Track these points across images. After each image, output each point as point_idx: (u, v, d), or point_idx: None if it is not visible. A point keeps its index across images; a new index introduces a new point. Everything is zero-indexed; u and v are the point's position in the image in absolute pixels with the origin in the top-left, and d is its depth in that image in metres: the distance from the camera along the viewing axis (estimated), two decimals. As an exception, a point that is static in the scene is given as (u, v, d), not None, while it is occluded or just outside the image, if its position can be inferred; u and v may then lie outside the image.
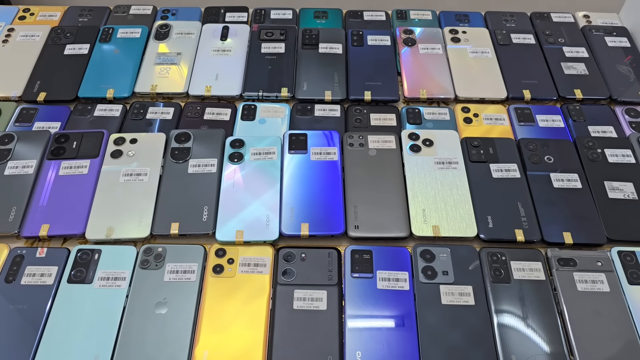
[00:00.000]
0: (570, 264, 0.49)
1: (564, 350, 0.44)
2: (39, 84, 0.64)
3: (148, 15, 0.74)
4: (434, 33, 0.71)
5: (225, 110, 0.62)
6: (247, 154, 0.56)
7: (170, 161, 0.55)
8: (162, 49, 0.68)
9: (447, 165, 0.56)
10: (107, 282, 0.47)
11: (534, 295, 0.47)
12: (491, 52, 0.69)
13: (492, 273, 0.48)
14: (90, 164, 0.55)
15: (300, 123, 0.61)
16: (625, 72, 0.67)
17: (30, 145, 0.56)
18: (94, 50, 0.67)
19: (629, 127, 0.61)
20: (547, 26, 0.73)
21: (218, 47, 0.68)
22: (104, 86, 0.63)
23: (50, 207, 0.51)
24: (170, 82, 0.64)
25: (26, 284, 0.47)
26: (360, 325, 0.45)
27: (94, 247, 0.49)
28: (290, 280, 0.47)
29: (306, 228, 0.50)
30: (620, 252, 0.50)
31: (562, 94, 0.64)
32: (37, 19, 0.73)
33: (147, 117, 0.61)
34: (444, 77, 0.65)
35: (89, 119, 0.61)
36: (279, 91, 0.63)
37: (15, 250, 0.49)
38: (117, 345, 0.44)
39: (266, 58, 0.67)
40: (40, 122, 0.60)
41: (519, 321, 0.45)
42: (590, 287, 0.47)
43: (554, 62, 0.67)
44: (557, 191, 0.54)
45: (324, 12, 0.75)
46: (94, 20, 0.73)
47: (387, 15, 0.75)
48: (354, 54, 0.68)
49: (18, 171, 0.54)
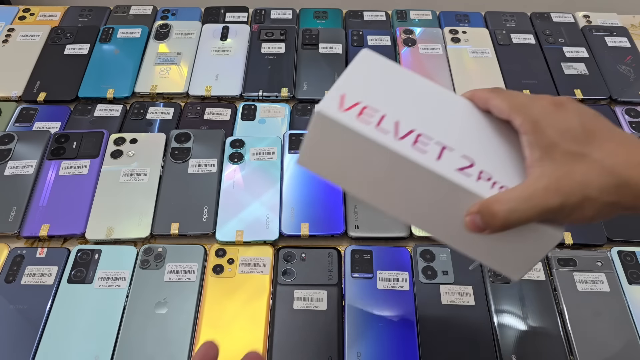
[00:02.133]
0: (570, 264, 0.49)
1: (564, 350, 0.44)
2: (39, 84, 0.64)
3: (148, 15, 0.73)
4: (434, 33, 0.71)
5: (225, 110, 0.62)
6: (247, 154, 0.56)
7: (170, 161, 0.55)
8: (162, 49, 0.68)
9: (447, 165, 0.56)
10: (107, 282, 0.47)
11: (534, 295, 0.47)
12: (491, 52, 0.69)
13: (492, 273, 0.48)
14: (90, 164, 0.55)
15: (300, 123, 0.61)
16: (626, 72, 0.67)
17: (30, 145, 0.56)
18: (94, 50, 0.67)
19: (629, 127, 0.61)
20: (547, 26, 0.73)
21: (218, 47, 0.68)
22: (104, 86, 0.63)
23: (50, 207, 0.51)
24: (171, 82, 0.64)
25: (26, 284, 0.47)
26: (361, 325, 0.45)
27: (94, 247, 0.49)
28: (290, 280, 0.47)
29: (306, 228, 0.50)
30: (620, 252, 0.49)
31: (562, 94, 0.64)
32: (37, 19, 0.73)
33: (147, 117, 0.61)
34: (444, 77, 0.65)
35: (89, 119, 0.61)
36: (279, 91, 0.63)
37: (15, 250, 0.49)
38: (117, 345, 0.44)
39: (266, 58, 0.67)
40: (40, 122, 0.60)
41: (519, 321, 0.45)
42: (590, 287, 0.47)
43: (554, 62, 0.67)
44: (557, 191, 0.54)
45: (324, 12, 0.75)
46: (94, 20, 0.73)
47: (387, 16, 0.75)
48: (354, 54, 0.68)
49: (18, 171, 0.54)
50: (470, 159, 0.29)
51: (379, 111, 0.29)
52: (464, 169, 0.28)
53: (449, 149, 0.29)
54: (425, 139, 0.29)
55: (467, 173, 0.28)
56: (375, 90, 0.30)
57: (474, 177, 0.28)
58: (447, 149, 0.29)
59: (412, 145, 0.28)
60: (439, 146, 0.29)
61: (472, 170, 0.28)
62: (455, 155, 0.29)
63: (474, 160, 0.29)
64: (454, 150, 0.29)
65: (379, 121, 0.29)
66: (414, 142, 0.29)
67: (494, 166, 0.29)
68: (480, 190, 0.28)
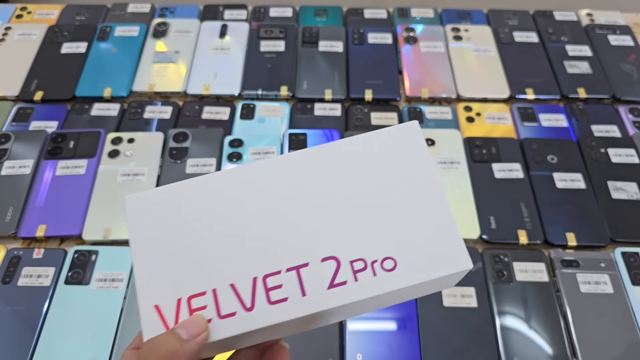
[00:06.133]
0: (573, 265, 0.48)
1: (567, 352, 0.43)
2: (35, 83, 0.63)
3: (146, 14, 0.73)
4: (436, 31, 0.70)
5: (224, 109, 0.61)
6: (246, 154, 0.55)
7: (168, 161, 0.55)
8: (160, 48, 0.67)
9: (449, 165, 0.55)
10: (105, 284, 0.46)
11: (537, 296, 0.46)
12: (493, 50, 0.68)
13: (494, 274, 0.47)
14: (88, 163, 0.54)
15: (300, 122, 0.60)
16: (629, 70, 0.66)
17: (27, 145, 0.56)
18: (92, 49, 0.67)
19: (632, 127, 0.61)
20: (550, 24, 0.72)
21: (217, 45, 0.68)
22: (101, 85, 0.63)
23: (48, 208, 0.51)
24: (169, 81, 0.63)
25: (23, 285, 0.46)
26: (361, 328, 0.44)
27: (91, 248, 0.49)
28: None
29: (306, 229, 0.50)
30: (623, 253, 0.49)
31: (565, 93, 0.63)
32: (34, 17, 0.73)
33: (144, 116, 0.60)
34: (445, 76, 0.65)
35: (86, 118, 0.60)
36: (279, 90, 0.63)
37: (12, 251, 0.49)
38: (115, 347, 0.43)
39: (265, 56, 0.66)
40: (37, 121, 0.60)
41: (521, 323, 0.45)
42: (593, 289, 0.47)
43: (557, 61, 0.67)
44: (560, 191, 0.53)
45: (324, 10, 0.75)
46: (91, 18, 0.72)
47: (388, 13, 0.74)
48: (355, 52, 0.67)
49: (15, 171, 0.54)
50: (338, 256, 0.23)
51: (207, 290, 0.22)
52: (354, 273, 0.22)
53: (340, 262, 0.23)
54: (305, 273, 0.22)
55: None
56: (180, 268, 0.23)
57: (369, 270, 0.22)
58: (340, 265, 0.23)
59: (301, 297, 0.22)
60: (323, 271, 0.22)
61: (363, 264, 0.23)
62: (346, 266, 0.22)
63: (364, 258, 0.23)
64: (343, 262, 0.23)
65: (216, 306, 0.22)
66: (299, 287, 0.22)
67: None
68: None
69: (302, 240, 0.23)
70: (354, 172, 0.24)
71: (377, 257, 0.23)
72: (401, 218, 0.23)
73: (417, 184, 0.24)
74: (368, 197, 0.24)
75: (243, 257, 0.23)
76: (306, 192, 0.24)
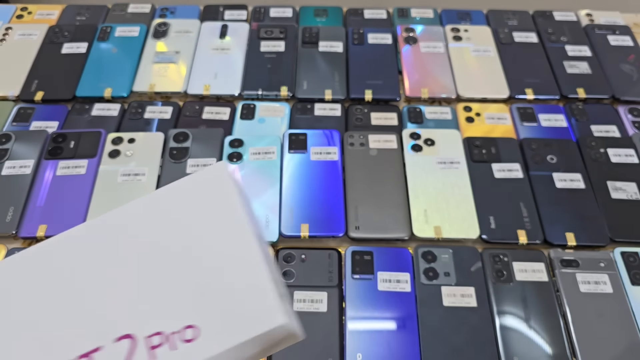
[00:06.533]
0: (572, 265, 0.48)
1: (566, 352, 0.43)
2: (36, 83, 0.63)
3: (146, 14, 0.73)
4: (436, 31, 0.70)
5: (224, 109, 0.61)
6: (246, 154, 0.55)
7: (168, 161, 0.55)
8: (161, 48, 0.67)
9: (448, 165, 0.55)
10: (105, 284, 0.47)
11: (537, 296, 0.46)
12: (493, 50, 0.68)
13: (494, 274, 0.47)
14: (88, 164, 0.54)
15: (300, 122, 0.60)
16: (629, 71, 0.66)
17: (27, 145, 0.56)
18: (92, 49, 0.67)
19: (632, 127, 0.61)
20: (550, 25, 0.72)
21: (217, 45, 0.68)
22: (101, 85, 0.63)
23: (48, 208, 0.51)
24: (169, 81, 0.64)
25: (23, 285, 0.46)
26: (361, 327, 0.44)
27: (91, 248, 0.49)
28: (290, 282, 0.47)
29: (306, 229, 0.50)
30: (623, 252, 0.49)
31: (564, 93, 0.64)
32: (34, 17, 0.73)
33: (145, 116, 0.60)
34: (445, 76, 0.65)
35: (86, 118, 0.60)
36: (279, 90, 0.63)
37: (13, 251, 0.49)
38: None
39: (266, 57, 0.66)
40: (38, 121, 0.60)
41: (521, 323, 0.45)
42: (593, 288, 0.47)
43: (557, 61, 0.67)
44: (559, 191, 0.53)
45: (324, 10, 0.75)
46: (91, 18, 0.72)
47: (388, 14, 0.74)
48: (355, 53, 0.67)
49: (15, 171, 0.54)
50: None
51: None
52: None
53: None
54: None
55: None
56: None
57: None
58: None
59: None
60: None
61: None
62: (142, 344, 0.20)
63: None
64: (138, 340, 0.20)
65: None
66: None
67: None
68: None
69: (93, 321, 0.21)
70: (152, 236, 0.22)
71: (176, 327, 0.20)
72: (205, 279, 0.21)
73: (224, 236, 0.22)
74: (167, 261, 0.22)
75: (31, 353, 0.20)
76: (95, 268, 0.22)
